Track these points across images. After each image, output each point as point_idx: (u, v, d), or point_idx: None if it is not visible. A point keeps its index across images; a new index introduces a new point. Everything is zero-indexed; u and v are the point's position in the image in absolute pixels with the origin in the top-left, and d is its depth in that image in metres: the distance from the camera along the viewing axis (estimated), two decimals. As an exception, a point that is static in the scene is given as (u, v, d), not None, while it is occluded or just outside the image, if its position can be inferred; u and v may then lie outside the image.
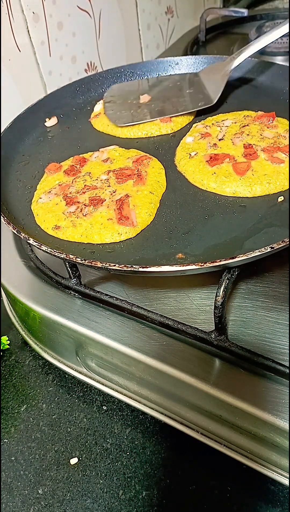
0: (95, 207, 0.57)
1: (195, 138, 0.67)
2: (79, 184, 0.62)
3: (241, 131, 0.66)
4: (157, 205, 0.59)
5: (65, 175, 0.64)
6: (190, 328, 0.51)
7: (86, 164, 0.66)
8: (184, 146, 0.66)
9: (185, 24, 1.37)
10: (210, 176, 0.60)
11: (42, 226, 0.58)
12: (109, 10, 1.04)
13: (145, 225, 0.56)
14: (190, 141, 0.67)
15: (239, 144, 0.63)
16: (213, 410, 0.49)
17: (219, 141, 0.65)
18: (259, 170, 0.59)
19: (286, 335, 0.51)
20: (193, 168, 0.62)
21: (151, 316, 0.53)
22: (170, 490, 0.51)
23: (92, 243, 0.54)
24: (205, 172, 0.60)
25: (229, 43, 1.18)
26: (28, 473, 0.54)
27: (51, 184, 0.64)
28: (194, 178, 0.61)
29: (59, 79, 0.95)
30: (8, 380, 0.64)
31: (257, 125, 0.67)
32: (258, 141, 0.63)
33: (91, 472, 0.53)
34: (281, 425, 0.44)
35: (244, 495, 0.50)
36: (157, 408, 0.55)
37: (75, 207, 0.58)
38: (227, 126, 0.68)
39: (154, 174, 0.62)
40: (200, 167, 0.61)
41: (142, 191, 0.59)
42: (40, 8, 0.86)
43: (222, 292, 0.47)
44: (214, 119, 0.71)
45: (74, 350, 0.59)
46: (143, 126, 0.73)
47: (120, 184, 0.60)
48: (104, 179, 0.62)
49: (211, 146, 0.64)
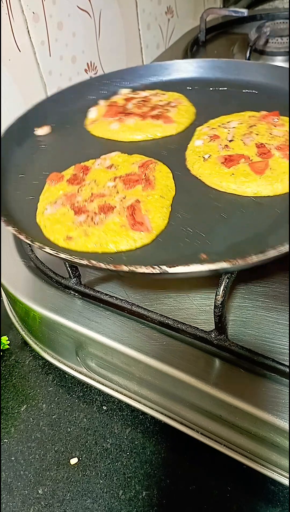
0: (106, 215, 0.55)
1: (204, 141, 0.66)
2: (86, 193, 0.60)
3: (250, 131, 0.66)
4: (169, 209, 0.57)
5: (69, 184, 0.62)
6: (190, 328, 0.51)
7: (90, 172, 0.64)
8: (194, 150, 0.66)
9: (185, 24, 1.37)
10: (229, 177, 0.59)
11: (52, 238, 0.55)
12: (109, 10, 1.04)
13: (159, 230, 0.54)
14: (200, 144, 0.66)
15: (250, 144, 0.63)
16: (213, 410, 0.49)
17: (230, 142, 0.64)
18: (276, 168, 0.59)
19: (286, 335, 0.51)
20: (210, 171, 0.61)
21: (151, 316, 0.53)
22: (170, 490, 0.51)
23: (107, 252, 0.53)
24: (222, 174, 0.59)
25: (229, 43, 1.18)
26: (28, 473, 0.54)
27: (54, 194, 0.61)
28: (212, 181, 0.60)
29: (59, 79, 0.95)
30: (8, 380, 0.64)
31: (264, 125, 0.66)
32: (269, 140, 0.63)
33: (91, 472, 0.53)
34: (281, 425, 0.44)
35: (244, 495, 0.50)
36: (157, 408, 0.55)
37: (85, 216, 0.56)
38: (234, 127, 0.67)
39: (162, 179, 0.61)
40: (216, 169, 0.60)
41: (152, 196, 0.58)
42: (40, 8, 0.86)
43: (222, 291, 0.47)
44: (218, 121, 0.71)
45: (74, 350, 0.59)
46: (146, 128, 0.72)
47: (128, 190, 0.59)
48: (112, 186, 0.60)
49: (223, 147, 0.63)
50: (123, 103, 0.78)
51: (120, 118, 0.74)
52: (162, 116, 0.73)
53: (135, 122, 0.73)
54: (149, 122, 0.73)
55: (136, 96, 0.80)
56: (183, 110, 0.76)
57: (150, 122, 0.73)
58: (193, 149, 0.66)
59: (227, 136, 0.65)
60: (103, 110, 0.77)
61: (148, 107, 0.76)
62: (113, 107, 0.77)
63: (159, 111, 0.75)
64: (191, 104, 0.78)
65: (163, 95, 0.80)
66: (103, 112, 0.77)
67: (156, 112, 0.75)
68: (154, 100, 0.78)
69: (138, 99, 0.79)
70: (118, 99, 0.80)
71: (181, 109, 0.76)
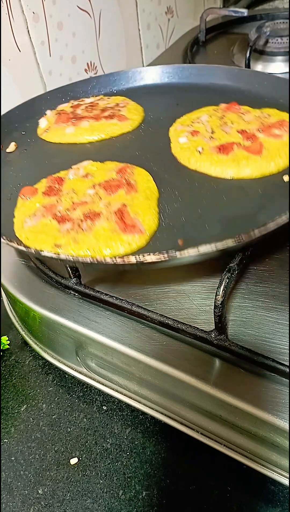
0: (93, 221, 0.54)
1: (187, 137, 0.67)
2: (66, 202, 0.58)
3: (223, 122, 0.68)
4: (157, 209, 0.57)
5: (45, 196, 0.60)
6: (190, 328, 0.51)
7: (65, 182, 0.62)
8: (182, 147, 0.66)
9: (185, 24, 1.37)
10: (231, 163, 0.60)
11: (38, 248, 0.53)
12: (109, 10, 1.04)
13: (152, 231, 0.54)
14: (185, 141, 0.67)
15: (232, 132, 0.65)
16: (213, 410, 0.49)
17: (213, 134, 0.66)
18: (269, 147, 0.62)
19: (286, 335, 0.51)
20: (210, 162, 0.62)
21: (151, 316, 0.53)
22: (170, 490, 0.51)
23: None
24: (223, 161, 0.61)
25: (229, 43, 1.18)
26: (28, 473, 0.54)
27: (31, 208, 0.59)
28: (215, 171, 0.61)
29: (59, 79, 0.95)
30: (8, 380, 0.64)
31: (233, 114, 0.69)
32: (247, 125, 0.66)
33: (91, 472, 0.53)
34: (281, 425, 0.44)
35: (244, 495, 0.50)
36: (157, 408, 0.55)
37: (70, 224, 0.54)
38: (207, 120, 0.69)
39: (143, 182, 0.60)
40: (216, 158, 0.62)
41: (137, 199, 0.57)
42: (40, 8, 0.86)
43: (222, 291, 0.47)
44: (186, 119, 0.72)
45: (74, 350, 0.59)
46: (102, 128, 0.73)
47: (111, 195, 0.58)
48: (93, 193, 0.59)
49: (209, 139, 0.65)
50: (71, 110, 0.79)
51: (73, 123, 0.75)
52: (115, 116, 0.75)
53: (89, 124, 0.74)
54: (103, 122, 0.74)
55: (82, 103, 0.81)
56: (133, 109, 0.77)
57: (105, 122, 0.74)
58: (180, 147, 0.66)
59: (207, 129, 0.67)
60: (53, 118, 0.77)
61: (98, 110, 0.78)
62: (63, 115, 0.77)
63: (111, 112, 0.76)
64: (137, 103, 0.79)
65: (108, 99, 0.81)
66: (53, 120, 0.77)
67: (108, 113, 0.76)
68: (101, 103, 0.80)
69: (85, 104, 0.80)
70: (65, 107, 0.80)
71: (130, 108, 0.77)
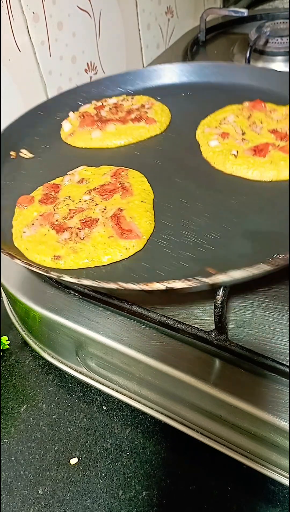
0: (90, 228, 0.54)
1: (218, 140, 0.66)
2: (62, 210, 0.58)
3: (252, 121, 0.67)
4: (152, 212, 0.57)
5: (42, 205, 0.60)
6: (190, 328, 0.51)
7: (61, 189, 0.62)
8: (214, 151, 0.64)
9: (185, 24, 1.37)
10: (270, 165, 0.59)
11: (37, 260, 0.53)
12: (109, 10, 1.04)
13: (149, 234, 0.54)
14: (217, 144, 0.65)
15: (263, 133, 0.64)
16: (213, 410, 0.49)
17: (244, 135, 0.65)
18: None
19: (286, 335, 0.51)
20: (247, 165, 0.60)
21: (151, 316, 0.53)
22: (170, 490, 0.51)
23: (101, 265, 0.52)
24: (261, 164, 0.60)
25: (229, 43, 1.18)
26: (28, 473, 0.54)
27: (29, 217, 0.59)
28: (253, 174, 0.60)
29: (59, 79, 0.95)
30: (8, 380, 0.64)
31: (260, 113, 0.68)
32: (276, 124, 0.65)
33: (91, 472, 0.53)
34: (281, 425, 0.44)
35: (244, 495, 0.50)
36: (157, 408, 0.55)
37: (68, 233, 0.55)
38: (235, 121, 0.68)
39: (137, 184, 0.61)
40: (252, 162, 0.61)
41: (133, 202, 0.57)
42: (40, 8, 0.86)
43: (222, 291, 0.47)
44: (211, 120, 0.71)
45: (74, 350, 0.59)
46: (130, 131, 0.72)
47: (107, 200, 0.58)
48: (88, 199, 0.59)
49: (241, 141, 0.64)
50: (94, 112, 0.77)
51: (99, 126, 0.73)
52: (142, 118, 0.73)
53: (115, 127, 0.73)
54: (131, 126, 0.73)
55: (105, 104, 0.79)
56: (159, 109, 0.76)
57: (132, 125, 0.73)
58: (212, 150, 0.65)
59: (236, 130, 0.66)
60: (77, 121, 0.76)
61: (123, 112, 0.76)
62: (87, 117, 0.76)
63: (137, 114, 0.75)
64: (162, 103, 0.78)
65: (132, 99, 0.80)
66: (77, 123, 0.76)
67: (134, 115, 0.75)
68: (126, 105, 0.78)
69: (109, 106, 0.78)
70: (88, 109, 0.79)
71: (157, 109, 0.76)
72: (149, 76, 0.86)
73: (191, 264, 0.50)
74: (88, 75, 1.04)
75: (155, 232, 0.55)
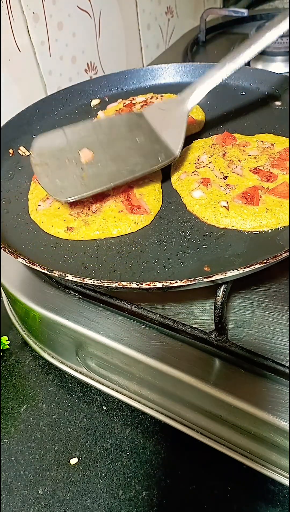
0: (102, 203, 0.57)
1: (201, 189, 0.57)
2: None
3: (229, 160, 0.60)
4: (160, 191, 0.60)
5: None
6: (190, 328, 0.51)
7: None
8: (201, 204, 0.56)
9: (185, 24, 1.37)
10: (264, 213, 0.52)
11: (52, 231, 0.56)
12: (109, 10, 1.04)
13: (156, 210, 0.57)
14: (202, 195, 0.56)
15: (245, 173, 0.58)
16: (213, 410, 0.49)
17: (226, 180, 0.58)
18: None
19: (286, 335, 0.51)
20: (242, 217, 0.53)
21: (151, 316, 0.53)
22: (170, 490, 0.51)
23: (110, 237, 0.54)
24: (257, 214, 0.53)
25: (229, 43, 1.18)
26: (28, 473, 0.54)
27: (44, 191, 0.59)
28: (250, 225, 0.52)
29: (59, 79, 0.95)
30: (8, 380, 0.64)
31: (233, 149, 0.62)
32: (256, 162, 0.59)
33: (91, 472, 0.53)
34: (281, 425, 0.44)
35: (244, 495, 0.50)
36: (157, 408, 0.55)
37: (81, 206, 0.57)
38: (210, 161, 0.61)
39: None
40: (246, 212, 0.53)
41: (142, 180, 0.60)
42: (40, 8, 0.86)
43: (222, 292, 0.47)
44: (186, 161, 0.63)
45: (74, 350, 0.59)
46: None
47: None
48: None
49: (225, 188, 0.56)
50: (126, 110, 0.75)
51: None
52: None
53: None
54: None
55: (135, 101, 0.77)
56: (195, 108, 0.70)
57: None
58: (198, 203, 0.56)
59: (216, 175, 0.58)
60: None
61: None
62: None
63: None
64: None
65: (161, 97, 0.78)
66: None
67: None
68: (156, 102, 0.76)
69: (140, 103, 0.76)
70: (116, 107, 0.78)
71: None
72: (152, 75, 0.86)
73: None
74: (88, 75, 1.04)
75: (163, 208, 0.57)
